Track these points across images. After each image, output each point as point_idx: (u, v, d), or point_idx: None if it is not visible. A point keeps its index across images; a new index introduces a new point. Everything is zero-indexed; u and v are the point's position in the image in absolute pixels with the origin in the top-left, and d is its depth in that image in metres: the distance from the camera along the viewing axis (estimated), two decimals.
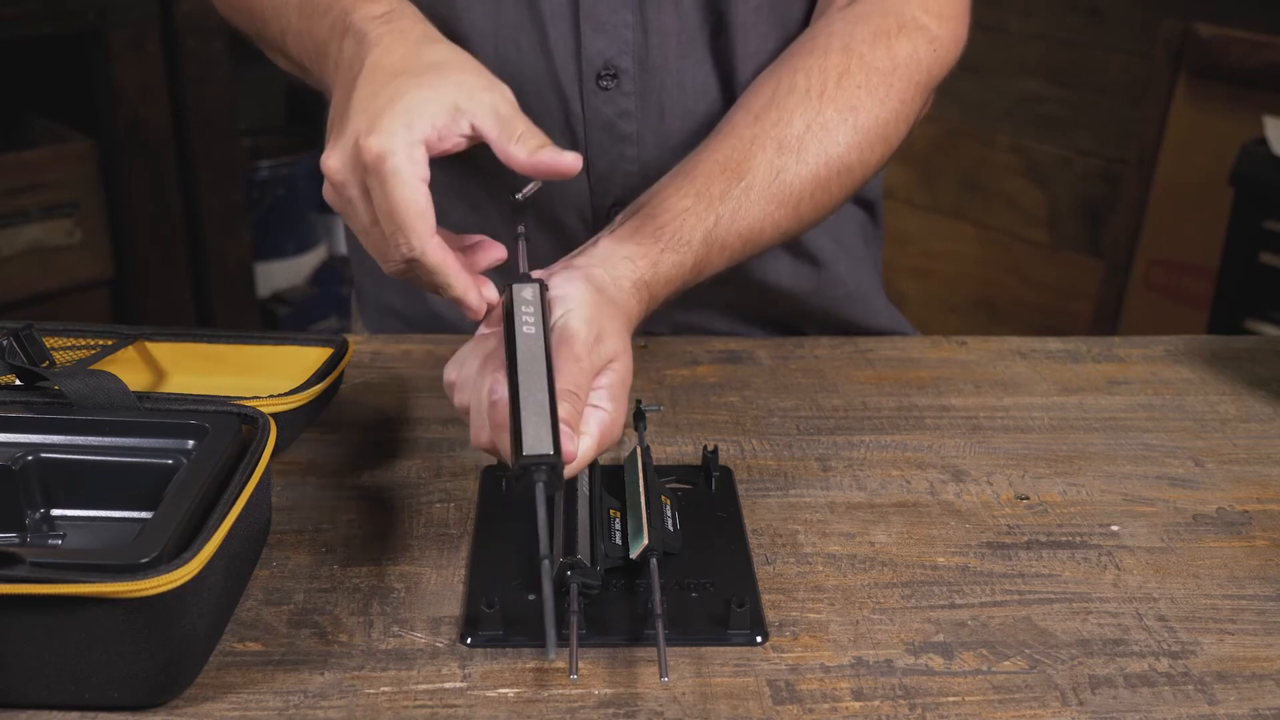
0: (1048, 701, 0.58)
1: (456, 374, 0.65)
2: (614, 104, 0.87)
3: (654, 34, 0.86)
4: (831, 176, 0.79)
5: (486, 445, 0.62)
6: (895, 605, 0.64)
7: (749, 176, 0.76)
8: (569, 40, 0.85)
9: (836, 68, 0.80)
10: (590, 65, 0.86)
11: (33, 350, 0.72)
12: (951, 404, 0.86)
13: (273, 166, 2.43)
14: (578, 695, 0.57)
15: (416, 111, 0.62)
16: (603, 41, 0.85)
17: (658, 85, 0.87)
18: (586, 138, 0.88)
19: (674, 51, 0.86)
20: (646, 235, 0.73)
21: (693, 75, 0.87)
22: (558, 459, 0.56)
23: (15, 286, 2.00)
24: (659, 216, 0.74)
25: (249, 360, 0.79)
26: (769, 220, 0.77)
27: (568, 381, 0.60)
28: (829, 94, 0.79)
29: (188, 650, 0.56)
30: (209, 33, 2.07)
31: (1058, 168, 2.39)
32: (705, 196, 0.75)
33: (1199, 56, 2.09)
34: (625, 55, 0.85)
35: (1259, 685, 0.59)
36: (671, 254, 0.73)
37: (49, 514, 0.65)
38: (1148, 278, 2.23)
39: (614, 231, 0.74)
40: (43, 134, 2.10)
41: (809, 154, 0.78)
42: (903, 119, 0.82)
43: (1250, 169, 1.85)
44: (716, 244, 0.75)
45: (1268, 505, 0.74)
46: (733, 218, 0.76)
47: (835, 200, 0.81)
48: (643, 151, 0.88)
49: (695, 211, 0.74)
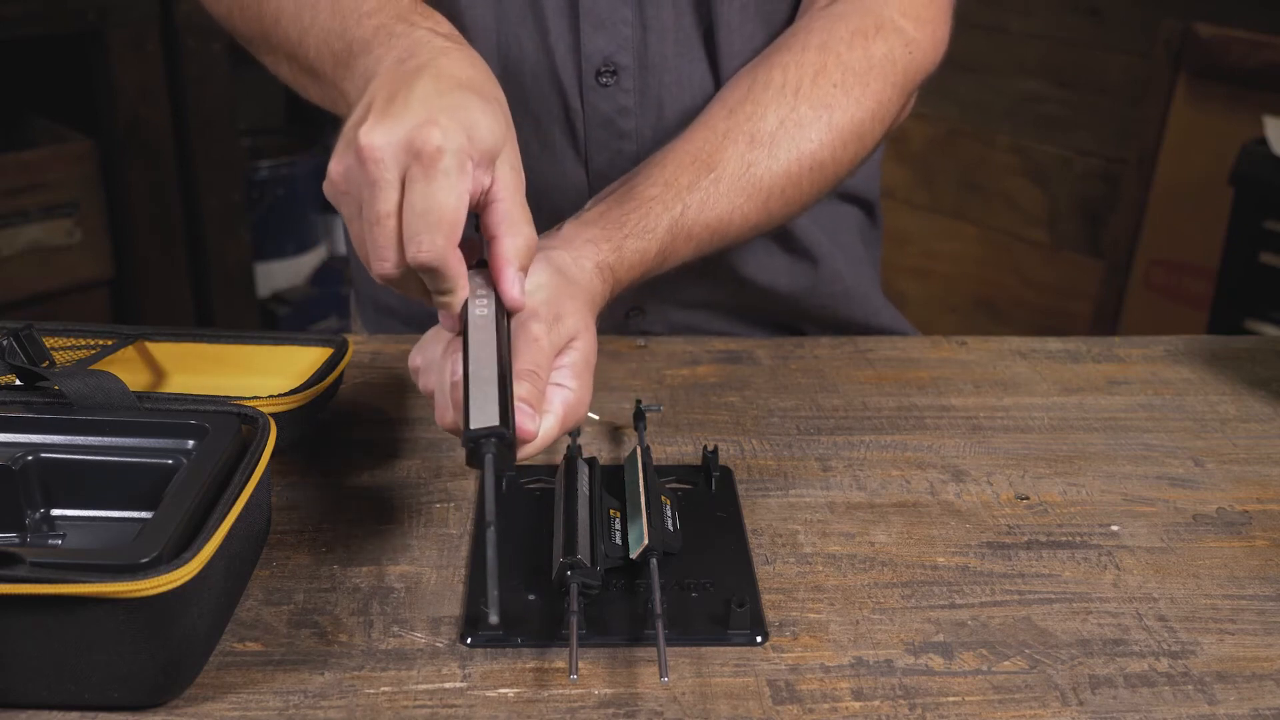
0: (1048, 701, 0.58)
1: (420, 359, 0.65)
2: (613, 100, 0.87)
3: (652, 31, 0.86)
4: (803, 173, 0.79)
5: (450, 426, 0.61)
6: (895, 605, 0.64)
7: (719, 169, 0.77)
8: (569, 37, 0.85)
9: (813, 65, 0.80)
10: (590, 62, 0.86)
11: (33, 350, 0.72)
12: (951, 404, 0.86)
13: (273, 166, 2.43)
14: (578, 695, 0.57)
15: (483, 129, 0.60)
16: (602, 38, 0.85)
17: (656, 82, 0.87)
18: (586, 134, 0.88)
19: (672, 49, 0.87)
20: (611, 221, 0.74)
21: (690, 72, 0.88)
22: (506, 430, 0.55)
23: (15, 286, 2.00)
24: (626, 203, 0.75)
25: (249, 360, 0.79)
26: (737, 213, 0.78)
27: (527, 361, 0.60)
28: (804, 91, 0.80)
29: (188, 650, 0.56)
30: (209, 33, 2.07)
31: (1058, 168, 2.39)
32: (674, 186, 0.76)
33: (1199, 56, 2.09)
34: (624, 52, 0.86)
35: (1259, 685, 0.59)
36: (635, 240, 0.74)
37: (49, 514, 0.65)
38: (1148, 278, 2.23)
39: (580, 216, 0.74)
40: (43, 134, 2.10)
41: (781, 149, 0.79)
42: (878, 119, 0.83)
43: (1250, 169, 1.86)
44: (682, 233, 0.76)
45: (1268, 505, 0.74)
46: (700, 208, 0.76)
47: (807, 197, 0.81)
48: (641, 147, 0.88)
49: (662, 200, 0.75)
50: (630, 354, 0.91)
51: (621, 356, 0.91)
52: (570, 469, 0.70)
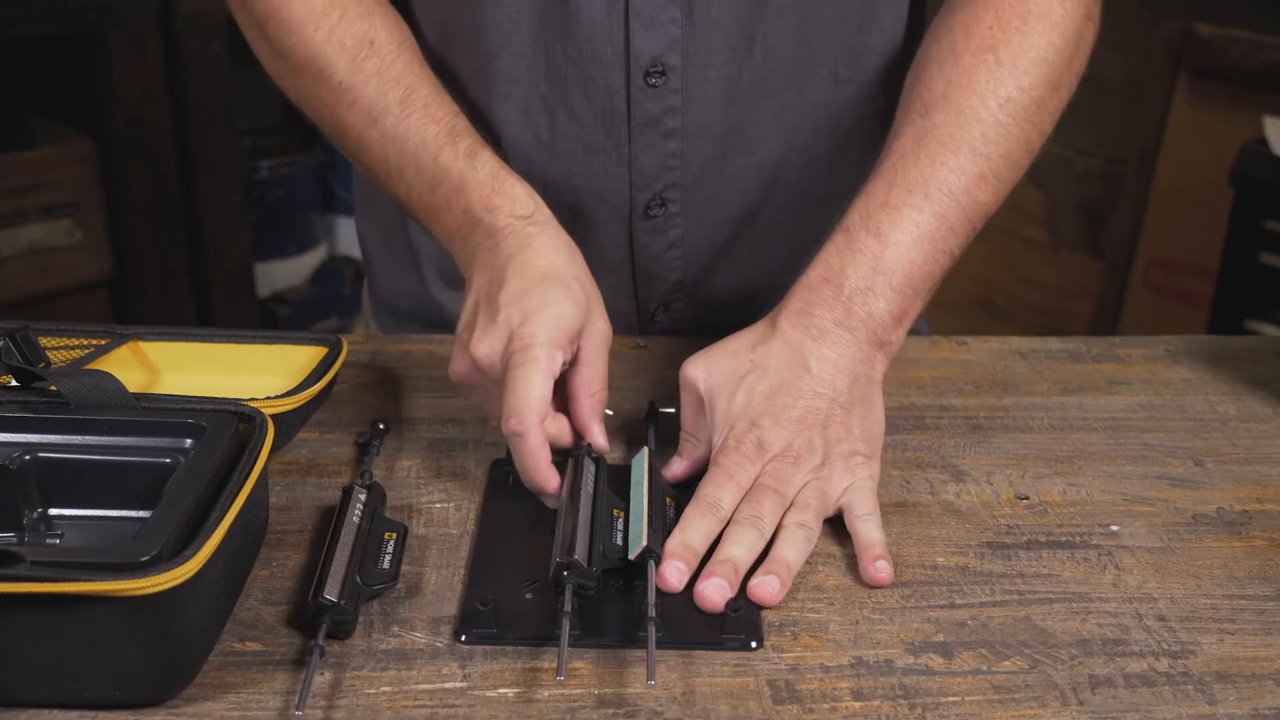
0: (1047, 701, 0.58)
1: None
2: (661, 101, 0.86)
3: (700, 29, 0.85)
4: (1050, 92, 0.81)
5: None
6: (895, 605, 0.64)
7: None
8: (618, 39, 0.84)
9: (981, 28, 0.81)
10: (638, 62, 0.85)
11: (29, 351, 0.72)
12: (951, 404, 0.86)
13: (273, 166, 2.43)
14: (577, 695, 0.57)
15: (569, 317, 0.70)
16: (652, 39, 0.84)
17: (701, 79, 0.86)
18: (631, 134, 0.87)
19: (721, 44, 0.86)
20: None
21: (729, 63, 0.86)
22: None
23: (15, 286, 2.00)
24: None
25: (243, 359, 0.79)
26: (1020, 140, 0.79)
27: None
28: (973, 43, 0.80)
29: (188, 649, 0.56)
30: (209, 33, 2.07)
31: (1058, 168, 2.39)
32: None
33: (1199, 56, 2.09)
34: (673, 52, 0.85)
35: (1259, 685, 0.59)
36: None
37: (47, 514, 0.65)
38: (1148, 277, 2.23)
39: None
40: (43, 134, 2.10)
41: (1020, 71, 0.79)
42: (1073, 28, 0.83)
43: (1250, 169, 1.86)
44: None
45: (1268, 505, 0.74)
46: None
47: (1052, 114, 0.82)
48: (686, 145, 0.88)
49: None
50: (630, 354, 0.91)
51: (621, 356, 0.91)
52: (576, 467, 0.70)
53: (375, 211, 1.02)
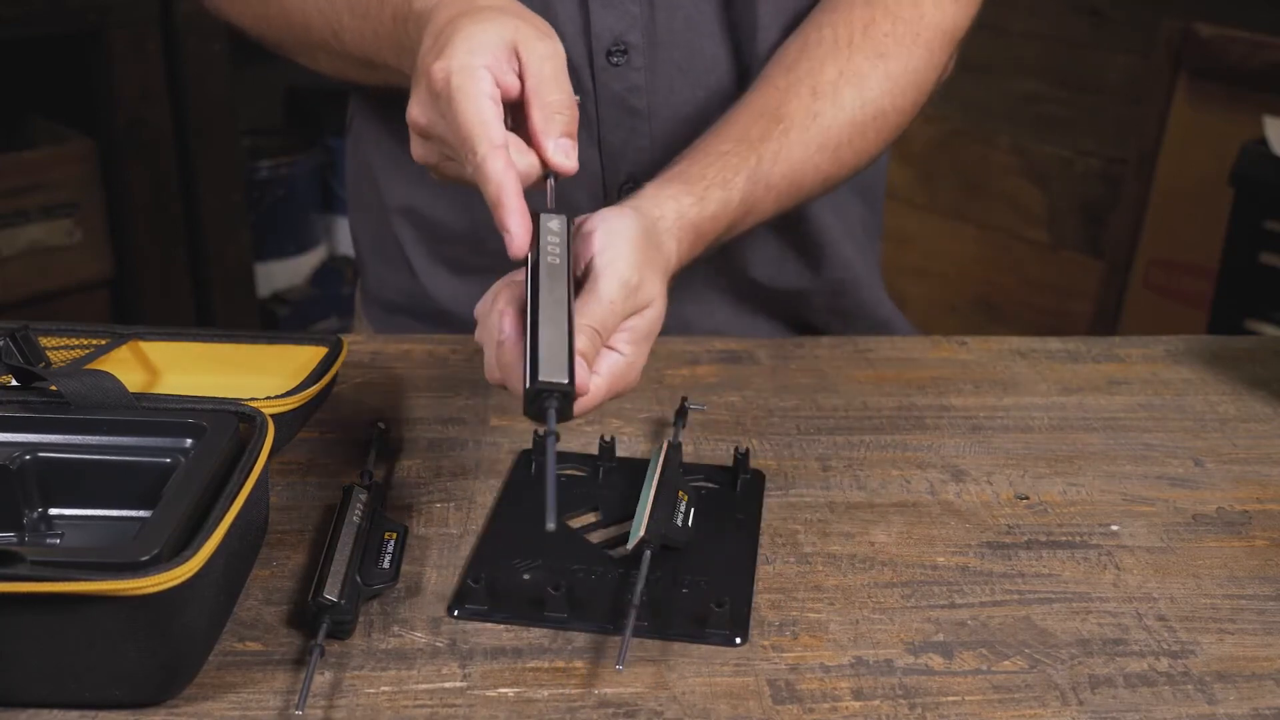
0: (1047, 701, 0.58)
1: (480, 308, 0.66)
2: (624, 79, 0.87)
3: (661, 8, 0.86)
4: (868, 121, 0.81)
5: (497, 381, 0.63)
6: (895, 605, 0.64)
7: (786, 120, 0.79)
8: (578, 18, 0.85)
9: (862, 19, 0.82)
10: (600, 41, 0.86)
11: (29, 351, 0.72)
12: (951, 404, 0.86)
13: (273, 166, 2.43)
14: (578, 695, 0.57)
15: (477, 40, 0.62)
16: (611, 17, 0.85)
17: (667, 59, 0.87)
18: (598, 114, 0.88)
19: (682, 25, 0.87)
20: (692, 176, 0.74)
21: (702, 47, 0.88)
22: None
23: (15, 286, 1.99)
24: (702, 159, 0.76)
25: (243, 359, 0.79)
26: (810, 164, 0.79)
27: (593, 318, 0.61)
28: (856, 43, 0.81)
29: (188, 648, 0.56)
30: (209, 33, 2.07)
31: (1058, 168, 2.39)
32: (745, 140, 0.77)
33: (1199, 56, 2.09)
34: (634, 30, 0.86)
35: (1259, 685, 0.59)
36: (717, 190, 0.74)
37: (47, 513, 0.65)
38: (1148, 277, 2.22)
39: (658, 177, 0.75)
40: (43, 134, 2.10)
41: (844, 99, 0.81)
42: (932, 67, 0.84)
43: (1250, 169, 1.85)
44: (761, 183, 0.77)
45: (1268, 505, 0.74)
46: (774, 158, 0.78)
47: (873, 147, 0.83)
48: (654, 125, 0.89)
49: (737, 152, 0.77)
50: None
51: None
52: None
53: (365, 209, 1.03)
